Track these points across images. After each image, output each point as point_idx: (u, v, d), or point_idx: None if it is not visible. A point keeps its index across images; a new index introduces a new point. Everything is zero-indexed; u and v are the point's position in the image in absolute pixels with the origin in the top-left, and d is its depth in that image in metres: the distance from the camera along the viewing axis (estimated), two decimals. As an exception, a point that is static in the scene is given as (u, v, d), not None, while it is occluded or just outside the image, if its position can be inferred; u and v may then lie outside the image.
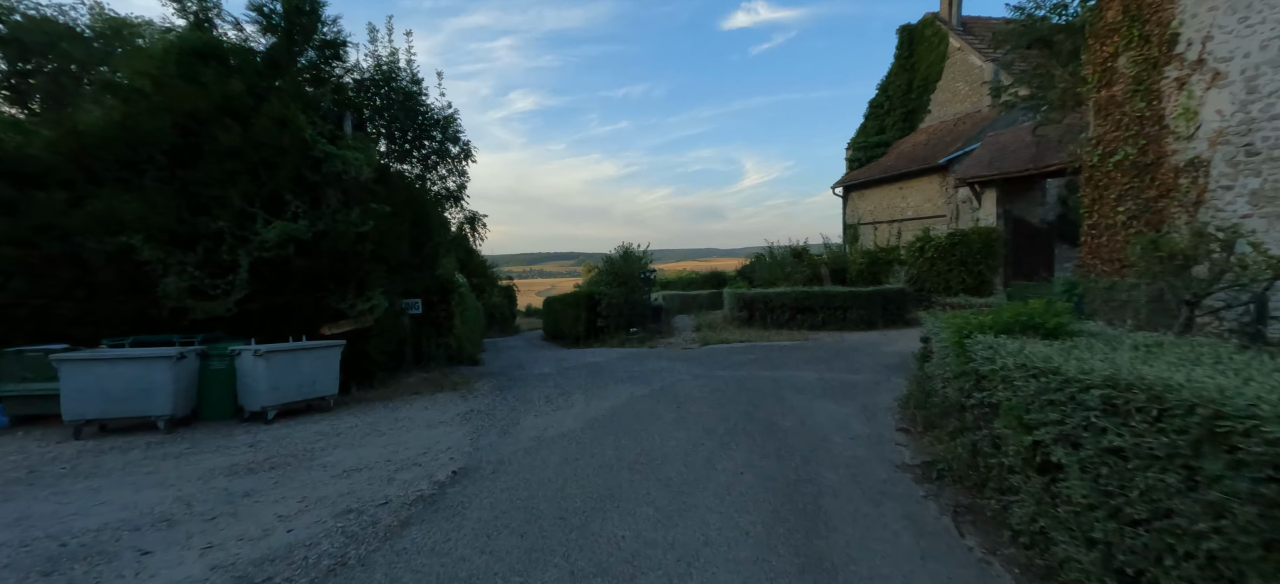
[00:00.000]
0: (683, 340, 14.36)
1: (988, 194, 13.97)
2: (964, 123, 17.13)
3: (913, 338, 11.49)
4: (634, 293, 15.71)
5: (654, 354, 11.97)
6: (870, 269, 16.27)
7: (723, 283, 32.54)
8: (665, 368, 9.73)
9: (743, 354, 10.88)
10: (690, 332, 16.09)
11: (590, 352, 13.84)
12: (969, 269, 13.67)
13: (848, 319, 13.29)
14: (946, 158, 15.24)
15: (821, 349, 10.93)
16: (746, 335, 13.73)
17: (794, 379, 7.97)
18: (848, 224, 20.26)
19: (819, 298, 13.59)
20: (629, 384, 8.28)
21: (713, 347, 12.63)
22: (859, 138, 21.22)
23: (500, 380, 9.48)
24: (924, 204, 16.57)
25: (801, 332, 13.63)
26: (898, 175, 17.31)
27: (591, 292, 16.47)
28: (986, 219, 14.02)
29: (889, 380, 7.64)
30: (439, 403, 7.53)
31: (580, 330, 16.50)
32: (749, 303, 15.30)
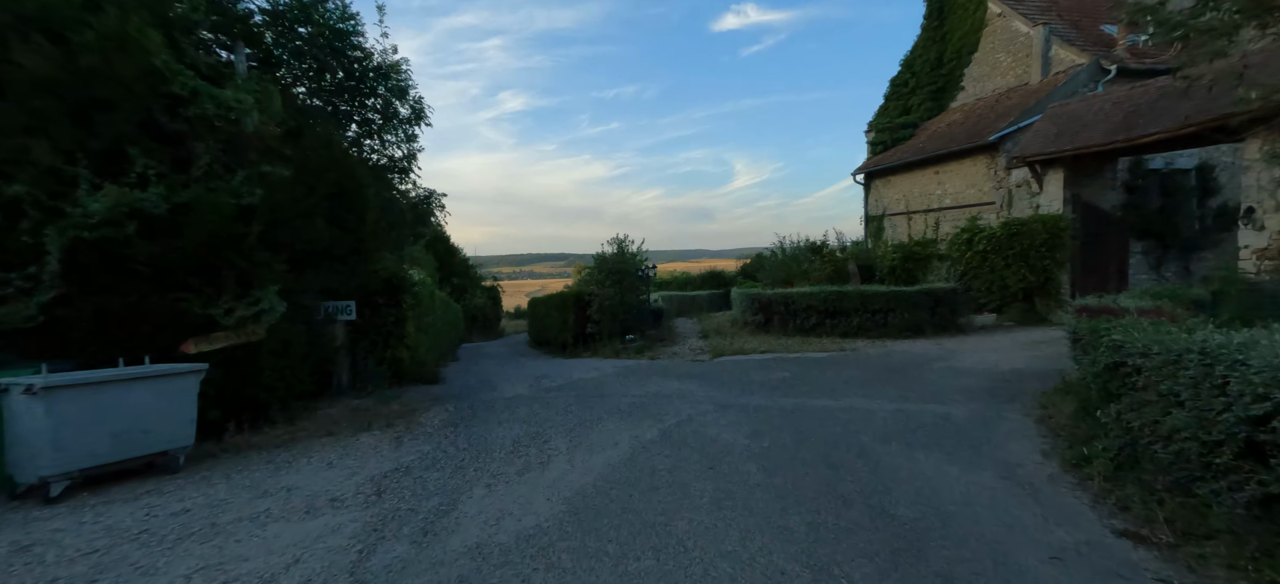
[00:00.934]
0: (689, 349, 12.13)
1: (1052, 175, 11.91)
2: (1008, 98, 15.09)
3: (982, 350, 9.30)
4: (630, 293, 13.46)
5: (657, 369, 9.73)
6: (903, 266, 14.15)
7: (723, 282, 30.39)
8: (677, 391, 7.49)
9: (771, 370, 8.66)
10: (696, 339, 13.87)
11: (579, 363, 11.57)
12: (1031, 266, 11.56)
13: (889, 325, 11.14)
14: (997, 134, 13.16)
15: (869, 364, 8.74)
16: (766, 343, 11.53)
17: (861, 413, 5.76)
18: (871, 215, 18.16)
19: (853, 299, 11.42)
20: (631, 420, 6.02)
21: (728, 359, 10.41)
22: (880, 119, 19.13)
23: (458, 408, 7.18)
24: (966, 190, 14.49)
25: (832, 339, 11.44)
26: (933, 158, 15.23)
27: (580, 292, 14.19)
28: (1050, 205, 11.96)
29: (1001, 416, 5.44)
30: (355, 453, 5.23)
31: (567, 336, 14.22)
32: (766, 304, 13.11)
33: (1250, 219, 8.56)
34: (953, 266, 13.21)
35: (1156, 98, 9.96)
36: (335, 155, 6.41)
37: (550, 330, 16.04)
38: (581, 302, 13.87)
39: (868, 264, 15.03)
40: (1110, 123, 10.46)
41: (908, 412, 5.76)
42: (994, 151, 13.50)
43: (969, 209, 14.34)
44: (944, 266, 13.47)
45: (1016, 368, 7.78)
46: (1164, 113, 9.54)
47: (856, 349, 10.21)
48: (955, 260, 13.09)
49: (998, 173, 13.48)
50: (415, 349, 9.36)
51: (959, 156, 14.54)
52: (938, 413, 5.65)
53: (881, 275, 14.51)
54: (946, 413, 5.63)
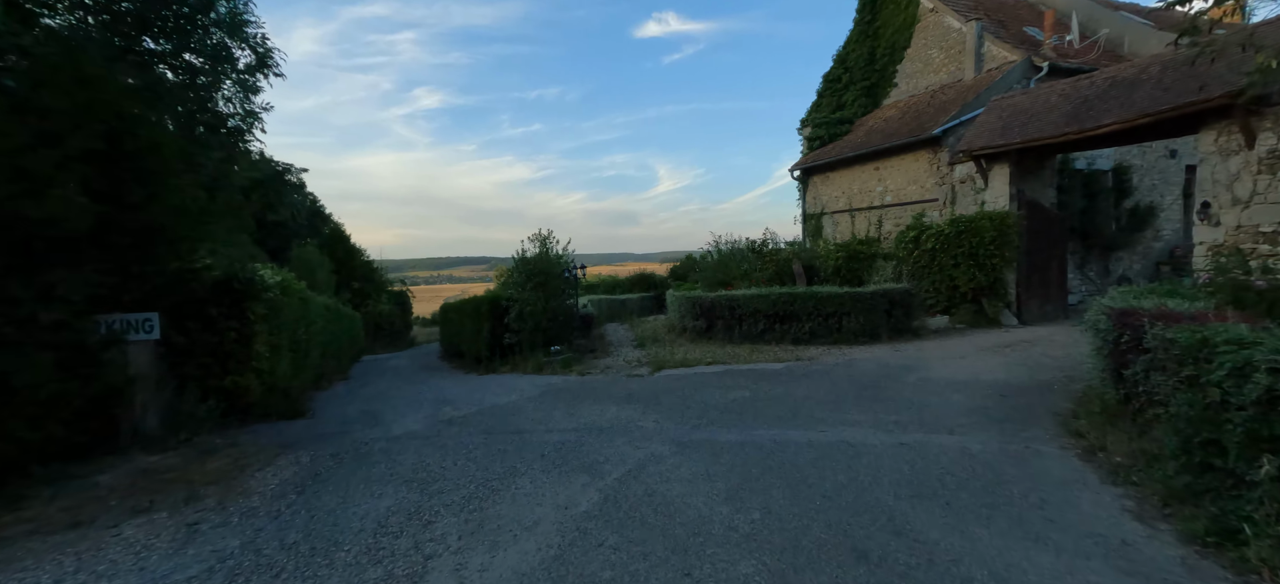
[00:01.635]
0: (624, 361, 10.59)
1: (998, 170, 11.54)
2: (944, 94, 14.88)
3: (949, 357, 8.31)
4: (555, 298, 11.72)
5: (590, 388, 8.09)
6: (848, 266, 13.43)
7: (654, 285, 29.16)
8: (616, 421, 5.90)
9: (726, 388, 7.28)
10: (631, 348, 12.36)
11: (495, 382, 9.68)
12: (981, 265, 11.07)
13: (843, 329, 10.17)
14: (941, 128, 12.73)
15: (835, 378, 7.59)
16: (711, 353, 10.22)
17: (860, 452, 4.45)
18: (809, 213, 17.52)
19: (805, 302, 10.37)
20: (558, 475, 4.36)
21: (672, 372, 8.96)
22: (815, 114, 18.62)
23: (315, 460, 5.17)
24: (908, 187, 14.04)
25: (784, 347, 10.33)
26: (874, 153, 14.70)
27: (497, 297, 12.25)
28: (995, 202, 11.58)
29: (1033, 450, 4.31)
30: (98, 564, 3.19)
31: (482, 348, 12.23)
32: (708, 309, 11.83)
33: (1206, 214, 8.30)
34: (899, 266, 12.59)
35: (1105, 89, 9.66)
36: (103, 94, 4.22)
37: (463, 341, 13.94)
38: (498, 308, 11.95)
39: (811, 264, 14.21)
40: (1059, 114, 10.10)
41: (915, 447, 4.51)
42: (936, 146, 13.10)
43: (912, 206, 13.87)
44: (889, 266, 12.84)
45: (999, 379, 6.88)
46: (1116, 103, 9.21)
47: (814, 359, 9.10)
48: (902, 259, 12.47)
49: (941, 168, 13.07)
50: (271, 373, 7.12)
51: (900, 151, 14.07)
52: (952, 448, 4.44)
53: (825, 276, 13.72)
54: (963, 447, 4.44)
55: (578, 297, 12.22)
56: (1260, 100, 7.63)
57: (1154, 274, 16.05)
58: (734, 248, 16.79)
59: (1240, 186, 7.95)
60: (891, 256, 13.14)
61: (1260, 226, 7.78)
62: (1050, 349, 8.70)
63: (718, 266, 16.28)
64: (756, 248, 15.66)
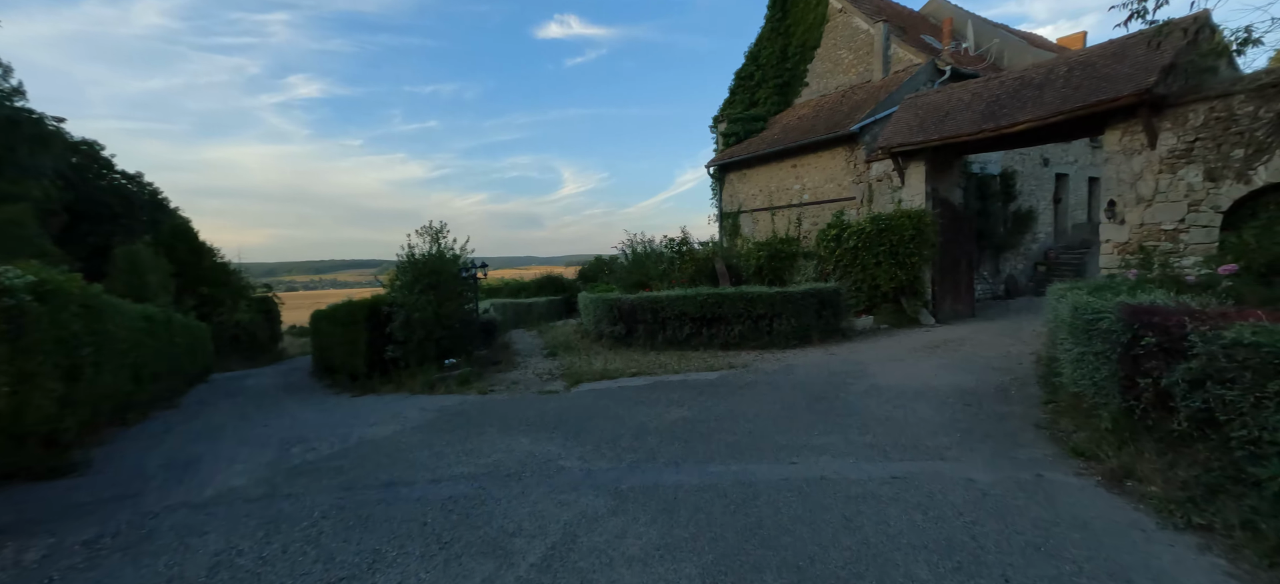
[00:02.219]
0: (535, 375, 9.16)
1: (914, 168, 11.54)
2: (855, 94, 14.98)
3: (887, 360, 7.72)
4: (450, 302, 10.01)
5: (494, 411, 6.60)
6: (770, 265, 12.96)
7: (562, 288, 27.61)
8: (529, 460, 4.54)
9: (660, 405, 6.16)
10: (541, 358, 10.92)
11: (373, 406, 7.85)
12: (901, 263, 10.96)
13: (774, 332, 9.49)
14: (859, 124, 12.61)
15: (778, 388, 6.75)
16: (634, 362, 9.09)
17: (850, 493, 3.48)
18: (726, 212, 17.02)
19: (735, 304, 9.56)
20: (447, 568, 2.96)
21: (592, 386, 7.70)
22: (731, 111, 18.23)
23: (42, 565, 3.31)
24: (826, 185, 13.87)
25: (712, 352, 9.45)
26: (791, 150, 14.42)
27: (376, 302, 10.27)
28: (912, 200, 11.58)
29: (1051, 479, 3.56)
30: None
31: (358, 363, 10.19)
32: (629, 312, 10.71)
33: (1112, 213, 8.54)
34: (821, 265, 12.28)
35: (1015, 89, 9.81)
36: None
37: (336, 355, 11.71)
38: (378, 315, 9.98)
39: (732, 264, 13.59)
40: (974, 113, 10.16)
41: (912, 481, 3.64)
42: (853, 144, 13.00)
43: (830, 205, 13.71)
44: (811, 265, 12.51)
45: (951, 384, 6.38)
46: (1028, 102, 9.33)
47: (748, 366, 8.26)
48: (824, 258, 12.16)
49: (858, 166, 12.99)
50: (12, 415, 4.90)
51: (817, 149, 13.88)
52: (956, 481, 3.62)
53: (747, 276, 13.15)
54: (968, 479, 3.63)
55: (478, 301, 10.57)
56: (1163, 100, 7.95)
57: (1032, 274, 17.36)
58: (649, 248, 15.88)
59: (1143, 185, 8.23)
60: (812, 255, 12.83)
61: (1162, 225, 8.08)
62: (978, 349, 8.54)
63: (633, 267, 15.24)
64: (676, 247, 14.83)
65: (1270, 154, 7.05)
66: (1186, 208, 7.83)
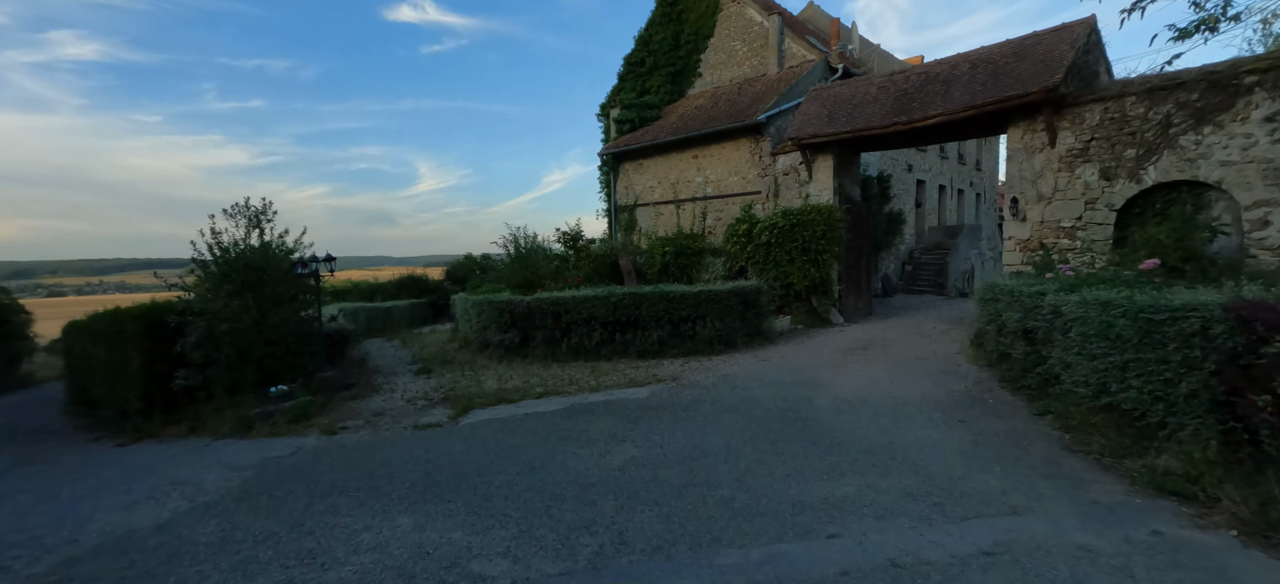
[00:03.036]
0: (405, 401, 7.05)
1: (822, 162, 11.24)
2: (752, 86, 14.61)
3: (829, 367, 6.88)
4: (279, 307, 7.44)
5: (348, 467, 4.55)
6: (677, 262, 11.94)
7: (426, 290, 24.34)
8: (421, 576, 2.77)
9: (597, 445, 4.62)
10: (410, 376, 8.70)
11: (141, 468, 5.26)
12: (814, 260, 10.54)
13: (698, 336, 8.38)
14: (766, 113, 12.08)
15: (735, 409, 5.58)
16: (536, 378, 7.42)
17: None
18: (620, 205, 15.74)
19: (656, 305, 8.27)
20: None
21: (488, 415, 5.89)
22: (624, 96, 17.01)
23: None
24: (729, 178, 13.22)
25: (629, 362, 8.08)
26: (693, 139, 13.57)
27: (159, 310, 7.35)
28: (819, 195, 11.27)
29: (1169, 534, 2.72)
30: None
31: (130, 396, 7.15)
32: (525, 316, 8.94)
33: (1015, 210, 8.74)
34: (730, 262, 11.52)
35: (921, 84, 9.81)
36: None
37: (97, 383, 8.34)
38: (161, 327, 7.08)
39: (638, 263, 12.35)
40: (883, 106, 10.01)
41: (1009, 553, 2.58)
42: (759, 135, 12.47)
43: (734, 198, 13.08)
44: (719, 262, 11.70)
45: (921, 393, 5.69)
46: (936, 97, 9.31)
47: (678, 378, 7.02)
48: (733, 255, 11.41)
49: (763, 159, 12.49)
50: None
51: (720, 139, 13.18)
52: (1058, 547, 2.63)
53: (651, 275, 12.01)
54: (1075, 545, 2.66)
55: (320, 305, 8.06)
56: (1063, 99, 8.23)
57: (902, 273, 18.55)
58: (535, 244, 14.09)
59: (1043, 183, 8.49)
60: (720, 252, 12.05)
61: (1061, 222, 8.38)
62: (904, 349, 8.20)
63: (516, 265, 13.35)
64: (570, 242, 13.21)
65: (1158, 155, 7.49)
66: (1083, 206, 8.13)
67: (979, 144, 24.34)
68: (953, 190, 22.29)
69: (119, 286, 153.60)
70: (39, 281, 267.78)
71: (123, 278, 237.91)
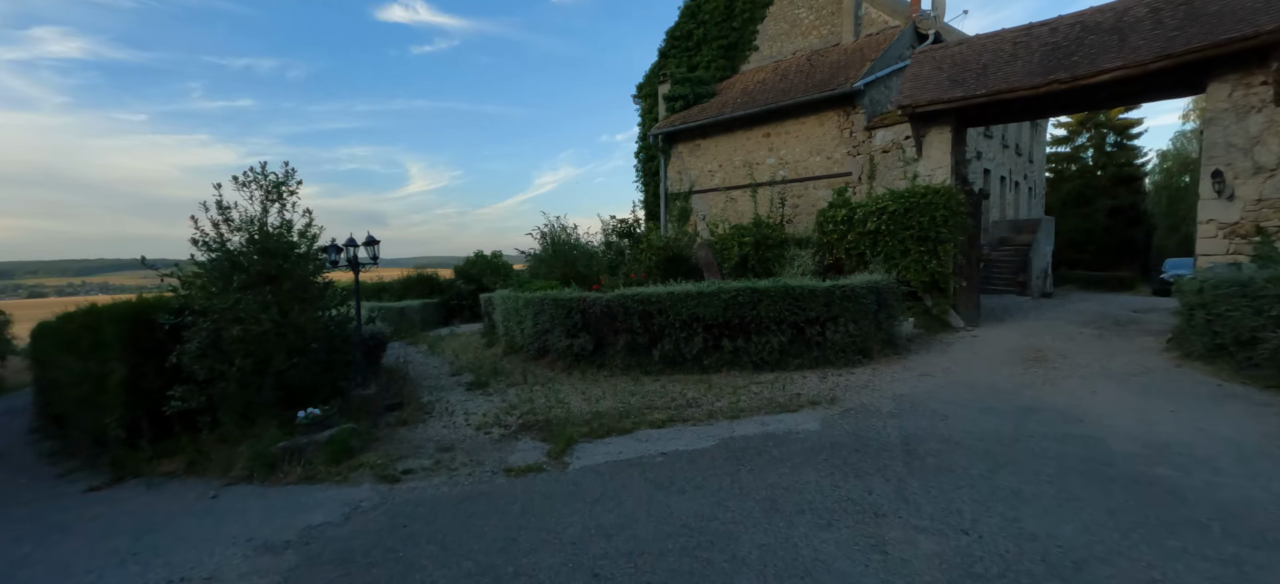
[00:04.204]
0: (472, 428, 5.43)
1: (937, 136, 9.68)
2: (826, 56, 13.05)
3: (1027, 381, 5.38)
4: (305, 305, 5.82)
5: (435, 552, 2.95)
6: (757, 255, 10.33)
7: (437, 289, 22.74)
8: None
9: (852, 521, 3.04)
10: (462, 392, 7.08)
11: (117, 538, 3.63)
12: (930, 250, 8.94)
13: (827, 344, 6.78)
14: (864, 79, 10.50)
15: (990, 454, 4.01)
16: (635, 396, 5.85)
17: None
18: (672, 193, 14.15)
19: (777, 304, 6.66)
20: None
21: (605, 455, 4.29)
22: (671, 71, 15.39)
23: None
24: (810, 158, 11.64)
25: (744, 375, 6.48)
26: (765, 114, 11.99)
27: (148, 308, 5.73)
28: (932, 175, 9.70)
29: None
30: None
31: (110, 421, 5.51)
32: (603, 317, 7.34)
33: (1219, 185, 7.15)
34: (820, 255, 9.92)
35: (1078, 35, 8.25)
36: None
37: (71, 403, 6.74)
38: (150, 331, 5.46)
39: (701, 255, 10.76)
40: (1027, 64, 8.45)
41: None
42: (849, 108, 10.90)
43: (816, 182, 11.51)
44: (807, 254, 10.08)
45: (1228, 427, 4.12)
46: (1106, 49, 7.75)
47: (838, 400, 5.41)
48: (825, 246, 9.84)
49: (855, 135, 10.92)
50: None
51: (800, 113, 11.61)
52: None
53: (727, 270, 10.42)
54: None
55: (359, 303, 6.42)
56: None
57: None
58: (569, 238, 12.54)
59: (1264, 152, 6.93)
60: (805, 242, 10.48)
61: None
62: (1087, 357, 6.61)
63: (556, 260, 11.79)
64: (627, 232, 11.62)
65: None
66: (1317, 179, 6.57)
67: (1032, 133, 22.78)
68: (1011, 182, 20.78)
69: (102, 287, 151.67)
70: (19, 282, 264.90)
71: (106, 279, 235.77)
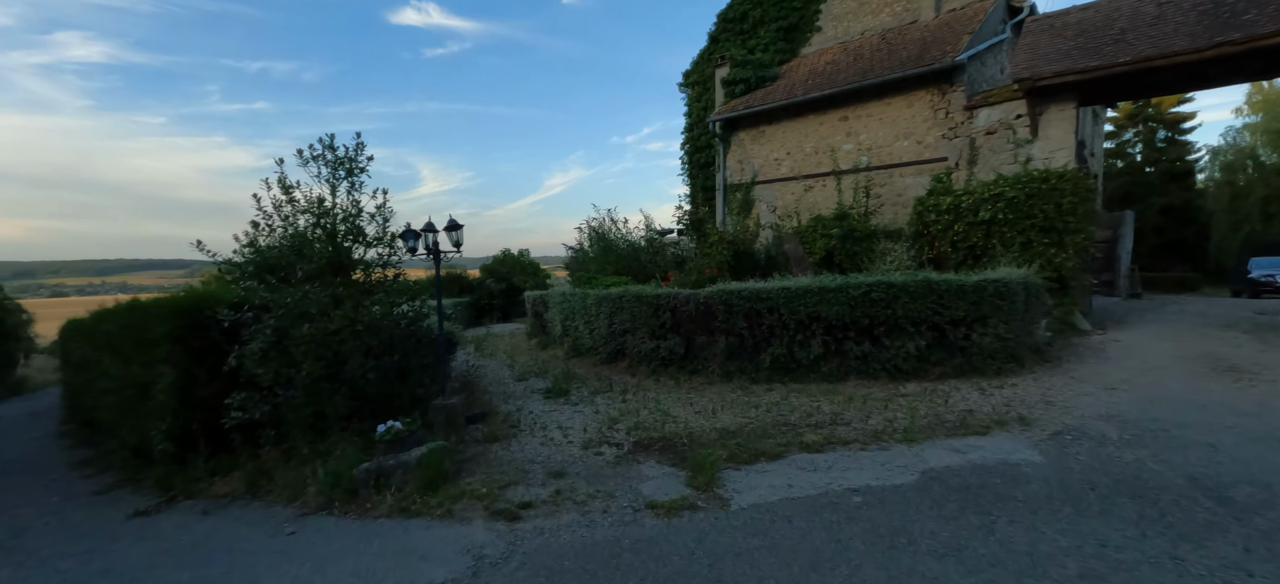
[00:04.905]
0: (583, 451, 4.63)
1: (1058, 114, 8.72)
2: (907, 34, 12.10)
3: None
4: (371, 297, 5.04)
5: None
6: (844, 248, 9.43)
7: (467, 289, 22.16)
8: None
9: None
10: (539, 401, 6.29)
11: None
12: (1056, 241, 7.95)
13: (973, 348, 5.87)
14: (967, 52, 9.56)
15: None
16: (753, 408, 5.00)
17: None
18: (732, 184, 13.26)
19: (918, 300, 5.77)
20: None
21: (777, 494, 3.46)
22: (730, 53, 14.50)
23: None
24: (895, 143, 10.71)
25: (877, 385, 5.61)
26: (841, 97, 11.07)
27: (202, 302, 4.99)
28: (1050, 158, 8.74)
29: None
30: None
31: (159, 432, 4.80)
32: (698, 317, 6.52)
33: None
34: (918, 249, 9.00)
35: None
36: None
37: (109, 409, 6.10)
38: (204, 328, 4.73)
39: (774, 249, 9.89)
40: (1179, 25, 7.47)
41: None
42: (945, 85, 9.95)
43: (906, 169, 10.56)
44: (900, 247, 9.17)
45: None
46: (1279, 11, 6.77)
47: (1033, 421, 4.51)
48: (926, 238, 8.92)
49: (952, 115, 9.97)
50: None
51: (885, 94, 10.67)
52: None
53: (814, 265, 9.53)
54: None
55: (440, 298, 5.65)
56: None
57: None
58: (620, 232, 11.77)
59: None
60: (898, 234, 9.57)
61: None
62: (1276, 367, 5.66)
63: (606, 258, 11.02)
64: (694, 224, 10.77)
65: None
66: None
67: (1093, 124, 21.49)
68: (1086, 174, 19.51)
69: (120, 287, 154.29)
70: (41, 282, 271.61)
71: (124, 278, 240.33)
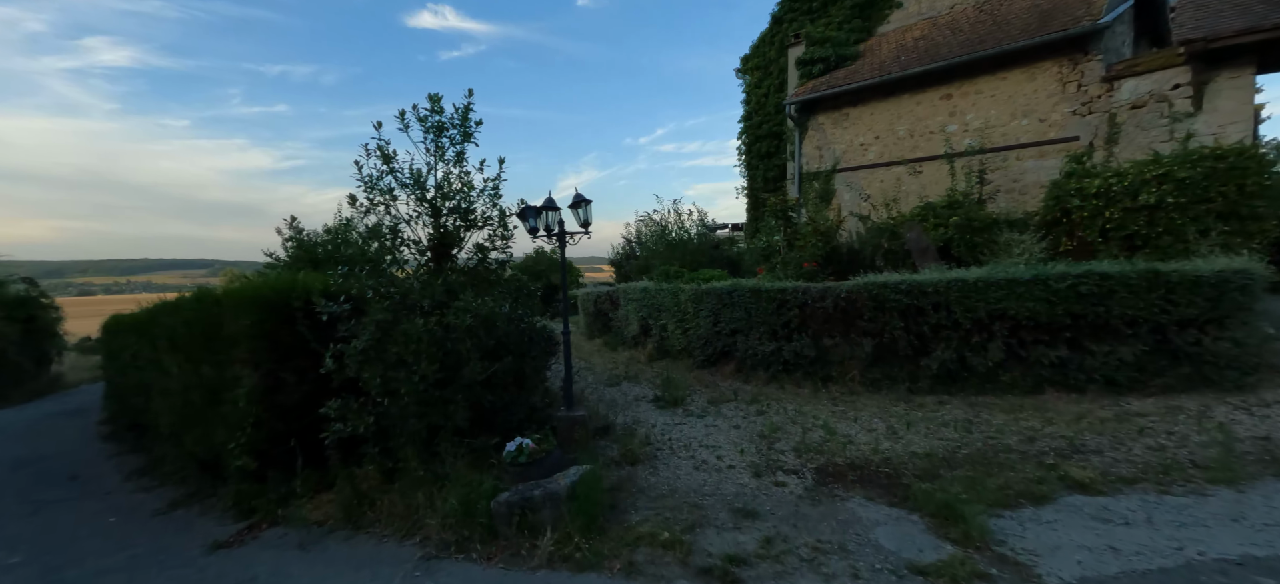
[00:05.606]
0: (756, 480, 3.76)
1: (1229, 83, 7.65)
2: (1009, 3, 11.02)
3: None
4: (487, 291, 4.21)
5: None
6: (961, 238, 8.42)
7: (506, 285, 21.56)
8: None
9: None
10: (651, 410, 5.41)
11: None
12: (1239, 229, 6.86)
13: (1205, 357, 4.86)
14: (1111, 14, 8.49)
15: None
16: (943, 426, 4.08)
17: None
18: (809, 172, 12.28)
19: (1140, 295, 4.80)
20: None
21: (1111, 568, 2.53)
22: (807, 31, 13.50)
23: None
24: (1011, 122, 9.67)
25: (1086, 401, 4.66)
26: (946, 71, 10.04)
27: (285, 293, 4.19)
28: (1221, 133, 7.66)
29: None
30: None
31: (237, 446, 4.03)
32: (836, 314, 5.60)
33: None
34: (1050, 239, 7.95)
35: None
36: None
37: (169, 413, 5.37)
38: (290, 327, 3.94)
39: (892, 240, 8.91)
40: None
41: None
42: (1077, 54, 8.89)
43: (1022, 151, 9.51)
44: (1028, 238, 8.10)
45: None
46: None
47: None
48: (1060, 227, 7.88)
49: (1085, 87, 8.91)
50: None
51: (1001, 67, 9.62)
52: None
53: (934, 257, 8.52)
54: None
55: (567, 293, 4.82)
56: None
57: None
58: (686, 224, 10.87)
59: None
60: (1021, 224, 8.52)
61: None
62: None
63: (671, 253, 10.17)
64: (781, 211, 9.84)
65: None
66: None
67: None
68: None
69: (145, 286, 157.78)
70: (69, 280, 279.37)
71: (149, 277, 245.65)
